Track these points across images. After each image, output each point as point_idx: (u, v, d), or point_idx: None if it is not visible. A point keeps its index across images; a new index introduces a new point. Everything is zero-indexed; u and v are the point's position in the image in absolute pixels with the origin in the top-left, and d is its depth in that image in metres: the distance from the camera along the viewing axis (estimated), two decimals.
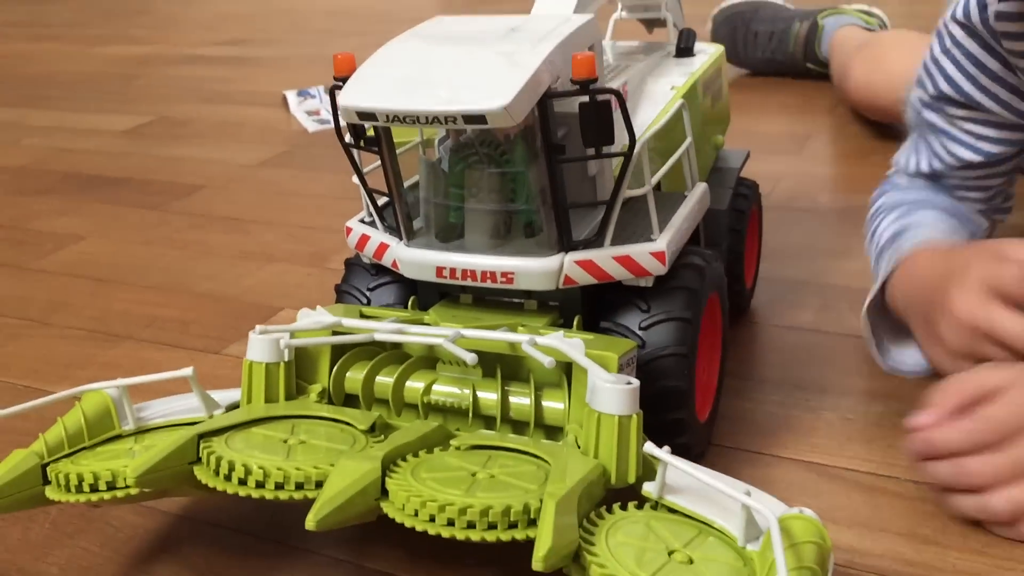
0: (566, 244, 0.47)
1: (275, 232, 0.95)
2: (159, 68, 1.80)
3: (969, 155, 0.65)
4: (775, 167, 1.01)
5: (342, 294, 0.55)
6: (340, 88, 0.46)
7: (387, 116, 0.43)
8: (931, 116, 0.66)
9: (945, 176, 0.67)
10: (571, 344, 0.43)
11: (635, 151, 0.45)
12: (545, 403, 0.45)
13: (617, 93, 0.44)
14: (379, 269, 0.54)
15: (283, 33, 2.05)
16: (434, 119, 0.42)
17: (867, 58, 1.08)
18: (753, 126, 1.12)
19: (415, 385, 0.47)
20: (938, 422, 0.47)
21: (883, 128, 1.11)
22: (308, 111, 1.38)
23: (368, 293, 0.53)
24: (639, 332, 0.47)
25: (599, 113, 0.43)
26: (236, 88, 1.59)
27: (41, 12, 2.72)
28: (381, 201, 0.53)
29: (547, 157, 0.45)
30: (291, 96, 1.42)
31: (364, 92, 0.44)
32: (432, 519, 0.38)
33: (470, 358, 0.43)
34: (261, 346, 0.48)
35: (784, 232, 0.85)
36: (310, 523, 0.38)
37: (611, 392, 0.41)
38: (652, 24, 0.73)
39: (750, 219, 0.68)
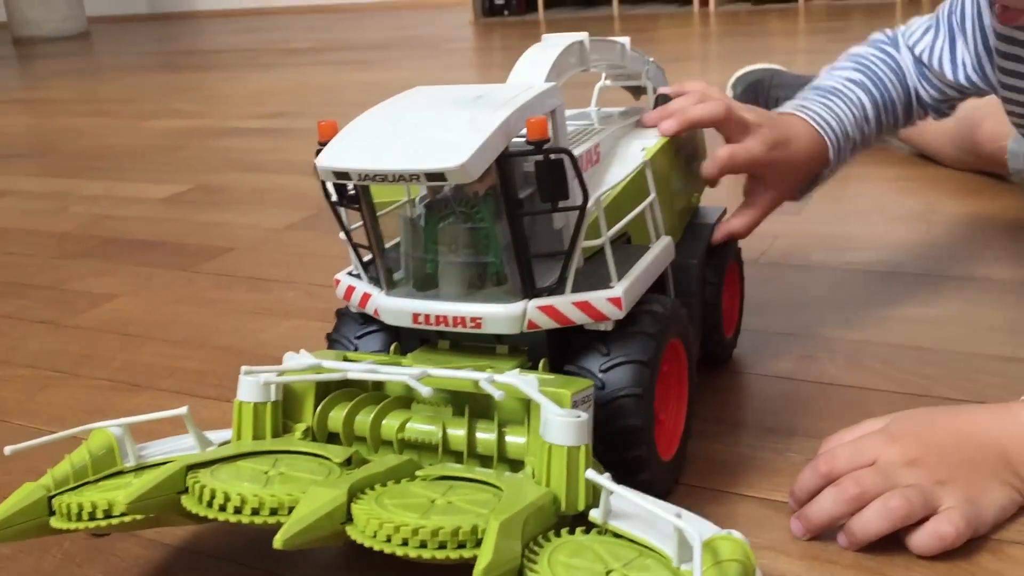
0: (530, 291, 0.51)
1: (294, 290, 1.01)
2: (202, 140, 1.89)
3: (949, 73, 0.80)
4: (773, 227, 1.04)
5: (332, 342, 0.59)
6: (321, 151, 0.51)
7: (360, 175, 0.48)
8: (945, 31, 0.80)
9: (925, 67, 0.82)
10: (526, 381, 0.46)
11: (588, 205, 0.50)
12: (508, 438, 0.49)
13: (569, 152, 0.48)
14: (366, 319, 0.59)
15: (319, 106, 2.14)
16: (399, 177, 0.47)
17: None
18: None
19: (391, 423, 0.51)
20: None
21: (885, 192, 1.15)
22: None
23: (356, 341, 0.58)
24: (599, 374, 0.51)
25: (552, 171, 0.48)
26: (271, 157, 1.67)
27: (97, 89, 2.87)
28: (367, 257, 0.57)
29: (508, 212, 0.49)
30: None
31: (340, 154, 0.49)
32: (388, 539, 0.42)
33: (427, 392, 0.47)
34: (249, 387, 0.52)
35: (774, 287, 0.89)
36: (277, 542, 0.42)
37: (560, 424, 0.44)
38: (637, 91, 0.77)
39: (727, 272, 0.71)
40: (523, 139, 0.49)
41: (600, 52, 0.65)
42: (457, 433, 0.50)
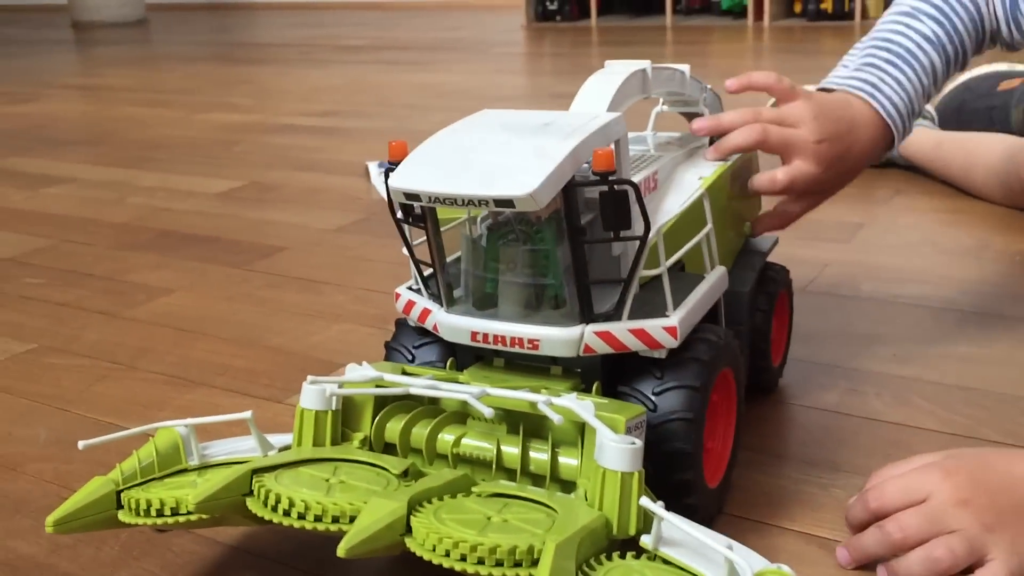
0: (587, 316, 0.52)
1: (345, 294, 1.03)
2: (256, 136, 1.92)
3: None
4: (823, 254, 1.05)
5: (390, 351, 0.61)
6: (393, 171, 0.53)
7: (429, 197, 0.50)
8: None
9: None
10: (583, 406, 0.48)
11: (649, 236, 0.51)
12: (561, 459, 0.51)
13: (633, 184, 0.49)
14: (424, 330, 0.60)
15: (371, 106, 2.17)
16: (469, 201, 0.49)
17: None
18: (808, 213, 1.15)
19: (447, 437, 0.53)
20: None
21: (935, 224, 1.14)
22: None
23: (413, 351, 0.60)
24: (652, 397, 0.53)
25: (616, 202, 0.49)
26: (323, 157, 1.69)
27: (154, 78, 2.92)
28: (427, 271, 0.59)
29: (571, 238, 0.51)
30: (373, 167, 1.51)
31: (411, 176, 0.51)
32: (447, 554, 0.43)
33: (488, 412, 0.48)
34: (312, 395, 0.54)
35: (822, 317, 0.89)
36: (341, 550, 0.43)
37: (615, 450, 0.46)
38: (692, 117, 0.78)
39: (777, 301, 0.72)
40: (588, 166, 0.50)
41: (661, 80, 0.66)
42: (511, 451, 0.51)
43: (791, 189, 0.70)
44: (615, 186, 0.49)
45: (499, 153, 0.51)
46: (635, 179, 0.60)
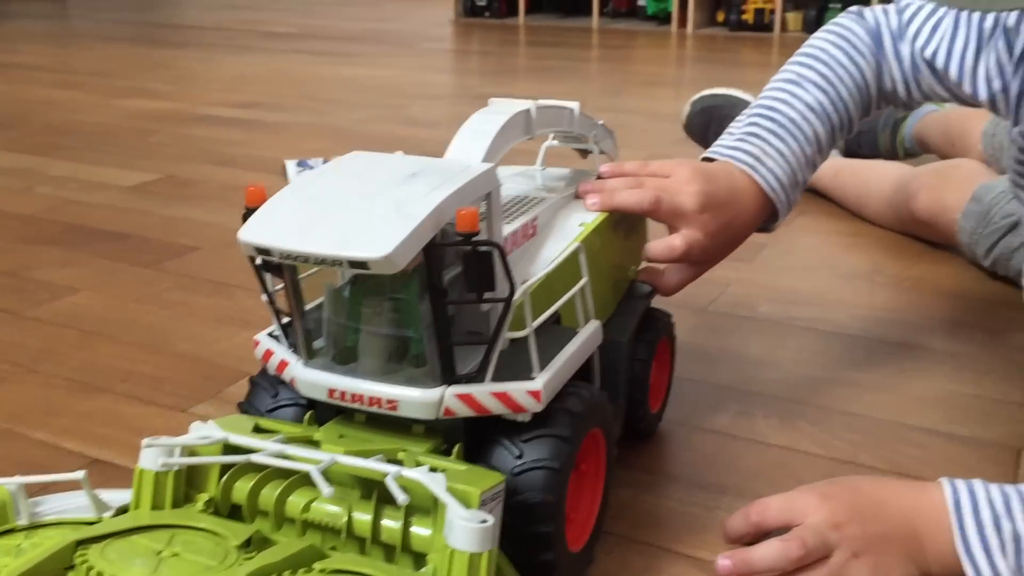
0: (449, 378, 0.51)
1: (256, 299, 1.02)
2: (174, 126, 1.89)
3: (968, 86, 0.73)
4: (727, 273, 1.08)
5: (254, 386, 0.59)
6: (248, 217, 0.50)
7: (281, 254, 0.48)
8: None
9: (932, 71, 0.76)
10: (434, 479, 0.46)
11: (514, 298, 0.50)
12: (413, 529, 0.48)
13: (498, 246, 0.48)
14: (281, 388, 0.58)
15: (294, 100, 2.15)
16: (322, 261, 0.47)
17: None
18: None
19: (297, 501, 0.50)
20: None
21: (834, 247, 1.19)
22: None
23: (267, 415, 0.57)
24: (520, 445, 0.52)
25: (480, 264, 0.48)
26: (242, 152, 1.68)
27: (70, 58, 2.85)
28: (287, 319, 0.56)
29: (432, 299, 0.49)
30: (290, 165, 1.50)
31: (263, 229, 0.49)
32: None
33: (327, 492, 0.45)
34: (152, 455, 0.50)
35: (721, 337, 0.92)
36: None
37: (464, 530, 0.43)
38: (585, 152, 0.77)
39: (657, 348, 0.72)
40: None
41: (547, 119, 0.65)
42: (363, 518, 0.49)
43: (687, 257, 0.70)
44: (479, 247, 0.48)
45: (359, 208, 0.49)
46: (513, 225, 0.60)
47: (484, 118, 0.59)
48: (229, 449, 0.51)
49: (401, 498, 0.45)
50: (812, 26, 3.20)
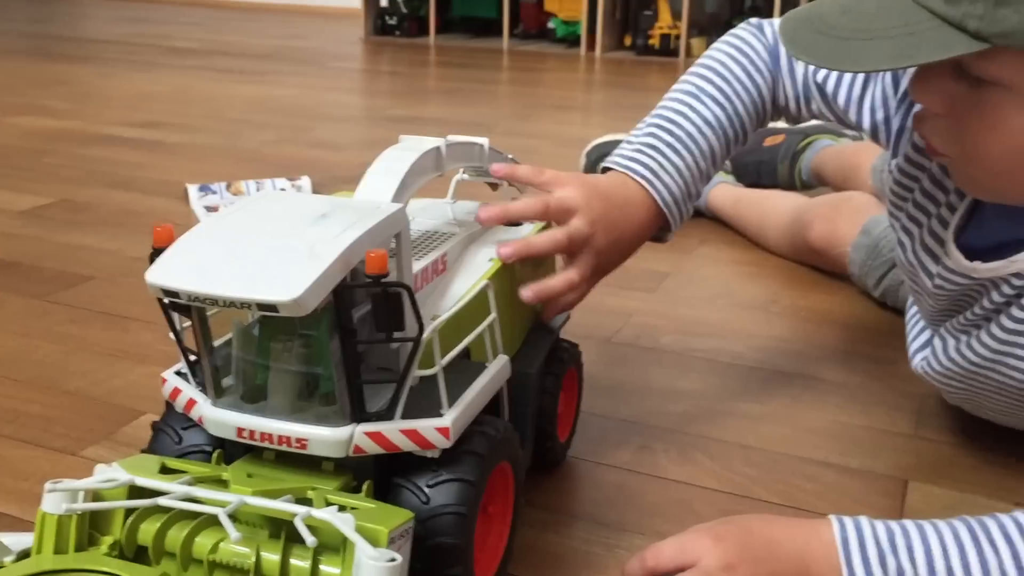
0: (359, 416, 0.51)
1: (154, 331, 1.00)
2: (70, 146, 1.83)
3: (854, 115, 0.76)
4: (630, 303, 1.10)
5: (158, 432, 0.58)
6: (156, 257, 0.50)
7: (188, 296, 0.48)
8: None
9: (823, 95, 0.78)
10: (343, 519, 0.46)
11: (423, 337, 0.51)
12: (322, 567, 0.48)
13: (407, 287, 0.49)
14: None
15: (198, 119, 2.11)
16: (231, 303, 0.47)
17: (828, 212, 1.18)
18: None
19: (204, 542, 0.49)
20: None
21: (734, 277, 1.22)
22: (208, 206, 1.43)
23: (181, 432, 0.57)
24: (426, 490, 0.52)
25: (389, 305, 0.49)
26: (142, 175, 1.63)
27: None
28: (195, 357, 0.56)
29: (342, 340, 0.50)
30: (192, 190, 1.47)
31: (171, 271, 0.49)
32: None
33: (235, 536, 0.45)
34: (54, 499, 0.49)
35: (622, 370, 0.94)
36: None
37: (372, 568, 0.44)
38: (495, 185, 0.78)
39: (565, 379, 0.73)
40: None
41: (457, 155, 0.67)
42: (271, 558, 0.48)
43: (572, 246, 0.71)
44: (388, 289, 0.49)
45: (268, 249, 0.49)
46: (423, 262, 0.61)
47: (394, 156, 0.60)
48: (135, 492, 0.51)
49: (309, 540, 0.45)
50: None
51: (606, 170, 0.78)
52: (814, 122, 1.55)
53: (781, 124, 1.55)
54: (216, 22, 4.23)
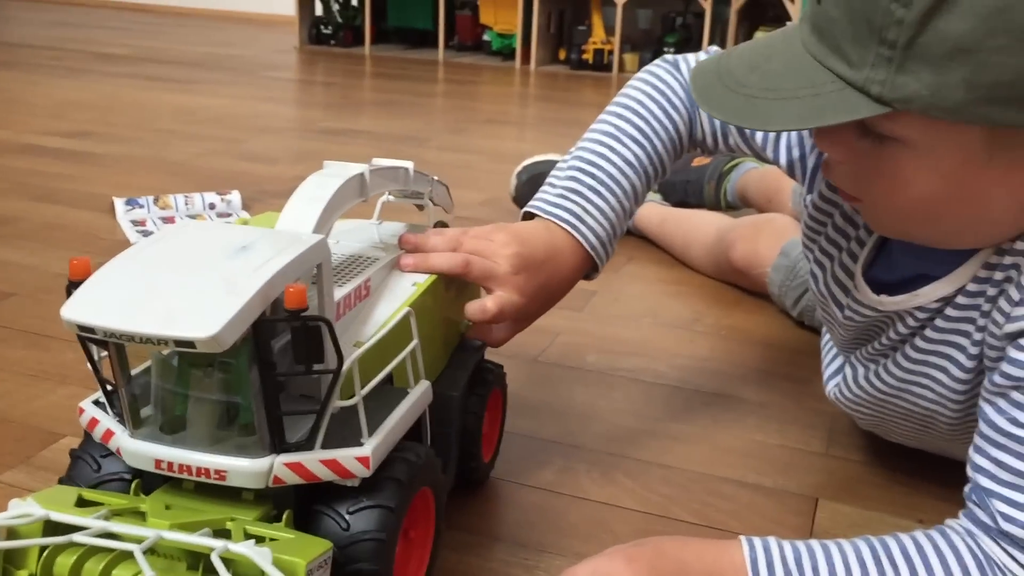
0: (278, 446, 0.52)
1: (76, 351, 0.98)
2: None
3: (770, 153, 0.78)
4: (557, 322, 1.12)
5: (76, 460, 0.58)
6: (73, 291, 0.50)
7: (104, 332, 0.48)
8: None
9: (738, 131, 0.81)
10: (260, 553, 0.46)
11: (343, 369, 0.52)
12: None
13: (327, 321, 0.50)
14: None
15: (127, 129, 2.08)
16: (147, 340, 0.47)
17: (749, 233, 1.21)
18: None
19: (121, 575, 0.49)
20: None
21: (658, 295, 1.25)
22: (134, 220, 1.42)
23: (100, 460, 0.57)
24: (346, 516, 0.53)
25: (309, 338, 0.49)
26: (68, 187, 1.61)
27: None
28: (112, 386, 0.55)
29: (261, 373, 0.51)
30: (119, 204, 1.45)
31: (87, 306, 0.48)
32: None
33: (149, 574, 0.46)
34: None
35: (548, 390, 0.95)
36: None
37: None
38: (422, 206, 0.79)
39: (489, 400, 0.74)
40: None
41: (382, 180, 0.67)
42: None
43: (501, 317, 0.72)
44: (308, 323, 0.49)
45: (186, 284, 0.49)
46: (346, 288, 0.62)
47: (317, 183, 0.60)
48: (50, 527, 0.50)
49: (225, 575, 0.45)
50: None
51: (528, 215, 0.79)
52: None
53: None
54: (146, 27, 4.17)
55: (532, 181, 1.46)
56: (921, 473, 0.81)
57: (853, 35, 0.52)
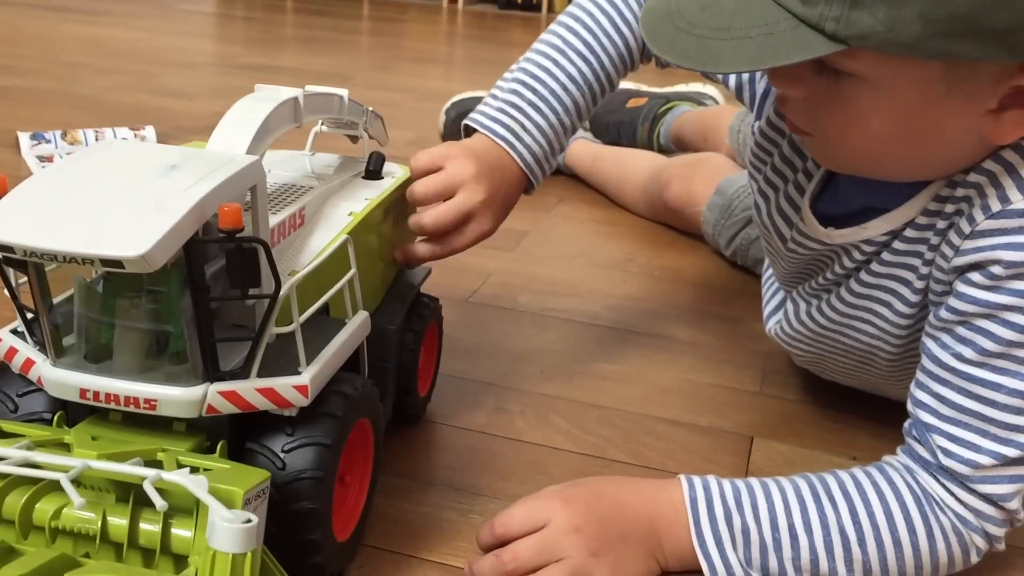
0: (212, 374, 0.50)
1: None
2: None
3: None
4: (489, 262, 1.09)
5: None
6: None
7: (24, 251, 0.44)
8: None
9: None
10: (195, 481, 0.44)
11: (280, 295, 0.49)
12: (174, 531, 0.47)
13: (263, 242, 0.47)
14: None
15: (31, 61, 1.97)
16: (71, 259, 0.44)
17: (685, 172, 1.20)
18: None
19: (45, 508, 0.47)
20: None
21: (592, 235, 1.23)
22: (40, 156, 1.34)
23: (16, 400, 0.53)
24: (281, 455, 0.51)
25: (244, 261, 0.47)
26: None
27: None
28: (33, 315, 0.52)
29: (194, 297, 0.48)
30: (24, 139, 1.37)
31: (4, 225, 0.45)
32: None
33: (78, 503, 0.43)
34: None
35: (481, 330, 0.93)
36: None
37: (226, 531, 0.42)
38: (355, 138, 0.77)
39: (426, 334, 0.73)
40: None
41: (316, 106, 0.65)
42: (119, 523, 0.47)
43: (465, 213, 0.72)
44: (243, 244, 0.47)
45: (113, 202, 0.46)
46: (281, 216, 0.59)
47: (249, 106, 0.57)
48: None
49: (160, 504, 0.43)
50: None
51: (467, 129, 0.77)
52: (679, 87, 1.57)
53: (644, 87, 1.58)
54: None
55: (461, 117, 1.42)
56: (854, 410, 0.81)
57: None
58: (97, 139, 1.40)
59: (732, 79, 0.75)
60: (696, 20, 0.54)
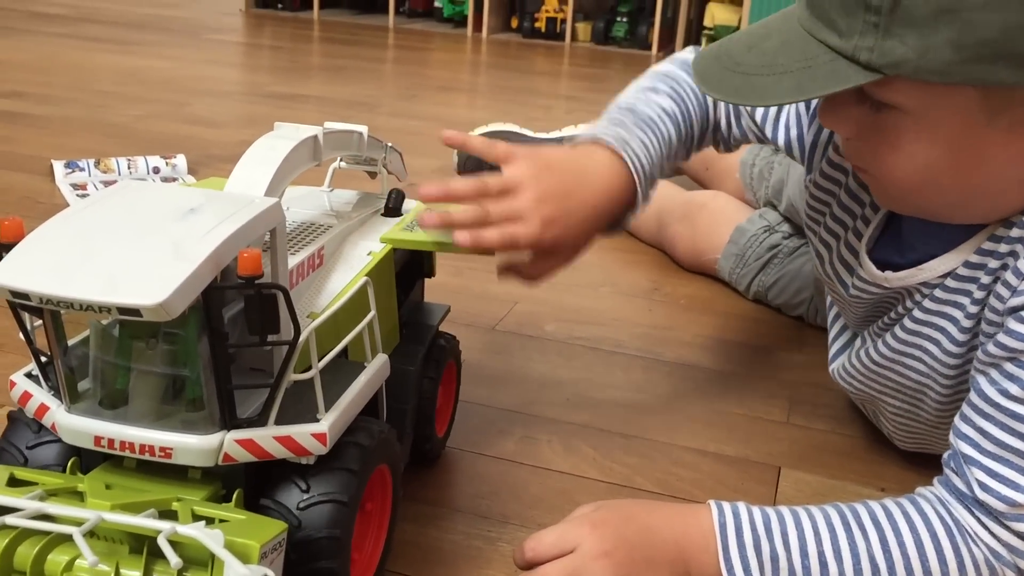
0: (229, 422, 0.49)
1: (12, 319, 0.94)
2: None
3: (769, 131, 0.77)
4: (514, 290, 1.09)
5: (13, 420, 0.54)
6: (4, 253, 0.46)
7: (40, 299, 0.44)
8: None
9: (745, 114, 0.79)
10: (211, 535, 0.44)
11: (299, 341, 0.49)
12: None
13: (283, 288, 0.47)
14: (43, 424, 0.53)
15: (64, 91, 2.00)
16: (88, 307, 0.43)
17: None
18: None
19: (57, 559, 0.46)
20: None
21: (616, 264, 1.23)
22: (74, 184, 1.36)
23: (27, 452, 0.53)
24: (296, 512, 0.50)
25: (263, 307, 0.46)
26: (4, 149, 1.54)
27: None
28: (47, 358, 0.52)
29: (212, 343, 0.47)
30: (58, 167, 1.39)
31: (20, 271, 0.44)
32: None
33: (91, 560, 0.43)
34: None
35: (507, 358, 0.93)
36: None
37: None
38: (374, 174, 0.76)
39: (444, 375, 0.72)
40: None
41: (335, 144, 0.64)
42: (132, 575, 0.46)
43: (512, 247, 0.65)
44: (262, 291, 0.46)
45: (130, 248, 0.46)
46: (299, 257, 0.59)
47: (269, 144, 0.57)
48: None
49: (174, 562, 0.43)
50: (600, 37, 3.31)
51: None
52: None
53: None
54: None
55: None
56: (883, 441, 0.81)
57: (841, 5, 0.52)
58: (130, 167, 1.43)
59: (782, 135, 0.76)
60: (742, 60, 0.56)
